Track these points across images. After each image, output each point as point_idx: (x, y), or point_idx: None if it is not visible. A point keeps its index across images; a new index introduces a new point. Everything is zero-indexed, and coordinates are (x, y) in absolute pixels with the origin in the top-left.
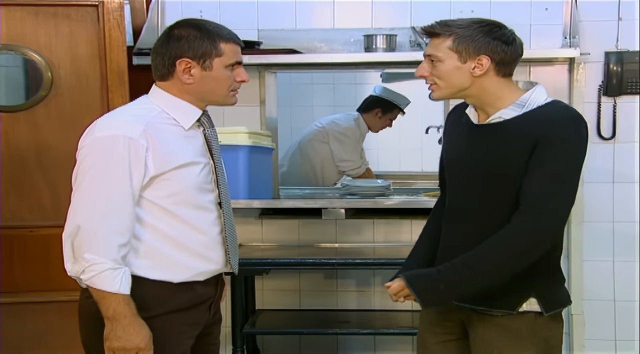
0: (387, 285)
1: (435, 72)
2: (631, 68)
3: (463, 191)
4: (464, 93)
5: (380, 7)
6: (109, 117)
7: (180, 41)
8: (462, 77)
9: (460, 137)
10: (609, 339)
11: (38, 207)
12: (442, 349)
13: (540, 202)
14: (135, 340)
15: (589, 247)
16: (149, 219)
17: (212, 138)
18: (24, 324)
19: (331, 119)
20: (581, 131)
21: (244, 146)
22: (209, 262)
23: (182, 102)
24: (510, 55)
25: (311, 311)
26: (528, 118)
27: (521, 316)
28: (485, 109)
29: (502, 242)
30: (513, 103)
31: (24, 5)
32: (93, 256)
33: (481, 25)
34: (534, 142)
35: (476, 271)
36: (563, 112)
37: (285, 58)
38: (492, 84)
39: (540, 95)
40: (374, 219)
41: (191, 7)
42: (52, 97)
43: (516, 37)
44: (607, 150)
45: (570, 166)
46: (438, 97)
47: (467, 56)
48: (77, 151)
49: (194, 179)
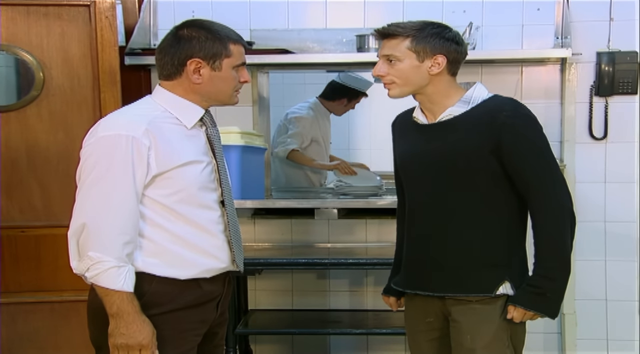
0: (512, 318)
1: (393, 71)
2: (623, 68)
3: (420, 190)
4: (419, 91)
5: (372, 7)
6: (113, 116)
7: (191, 42)
8: (419, 75)
9: (411, 140)
10: (600, 339)
11: (29, 207)
12: (434, 346)
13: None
14: (139, 337)
15: (581, 247)
16: (154, 217)
17: (215, 137)
18: (15, 324)
19: (286, 112)
20: (531, 113)
21: (236, 146)
22: (215, 259)
23: (185, 101)
24: (461, 55)
25: (304, 311)
26: (478, 111)
27: (494, 299)
28: (433, 108)
29: (553, 239)
30: (459, 100)
31: (15, 5)
32: (97, 254)
33: (434, 26)
34: (496, 132)
35: (560, 268)
36: (510, 102)
37: (277, 58)
38: (444, 83)
39: (482, 91)
40: (366, 219)
41: (183, 7)
42: (44, 97)
43: (463, 38)
44: (599, 150)
45: (542, 145)
46: (395, 95)
47: (425, 55)
48: (80, 150)
49: (196, 177)
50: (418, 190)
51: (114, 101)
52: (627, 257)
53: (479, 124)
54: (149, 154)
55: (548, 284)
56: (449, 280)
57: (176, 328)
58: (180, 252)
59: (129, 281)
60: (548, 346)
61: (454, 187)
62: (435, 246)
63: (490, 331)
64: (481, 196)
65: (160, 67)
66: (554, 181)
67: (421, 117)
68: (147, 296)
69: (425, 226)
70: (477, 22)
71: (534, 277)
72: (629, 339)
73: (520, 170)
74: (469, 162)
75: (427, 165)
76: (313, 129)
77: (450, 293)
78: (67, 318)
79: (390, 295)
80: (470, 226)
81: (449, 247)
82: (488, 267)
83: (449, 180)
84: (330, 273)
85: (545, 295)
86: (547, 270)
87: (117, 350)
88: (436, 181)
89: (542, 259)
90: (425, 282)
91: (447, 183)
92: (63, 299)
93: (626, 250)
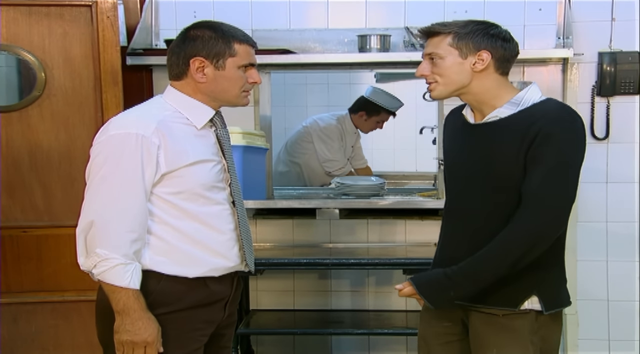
0: (398, 288)
1: (436, 70)
2: (624, 68)
3: (464, 192)
4: (463, 90)
5: (374, 8)
6: (123, 116)
7: (195, 41)
8: (462, 73)
9: (459, 139)
10: (602, 339)
11: (31, 207)
12: (445, 350)
13: (539, 198)
14: (144, 334)
15: (583, 247)
16: (162, 215)
17: (224, 138)
18: (16, 324)
19: (314, 119)
20: (577, 126)
21: (238, 146)
22: (223, 258)
23: (196, 101)
24: (509, 52)
25: (305, 311)
26: (523, 115)
27: (522, 315)
28: (481, 108)
29: (505, 241)
30: (508, 102)
31: (17, 6)
32: (105, 251)
33: (478, 23)
34: (531, 138)
35: (482, 273)
36: (558, 108)
37: (279, 58)
38: (491, 81)
39: (535, 93)
40: (368, 219)
41: (185, 8)
42: (46, 98)
43: (512, 36)
44: (601, 150)
45: (568, 160)
46: (437, 95)
47: (468, 52)
48: (89, 148)
49: (204, 176)
50: (456, 191)
51: (116, 101)
52: (629, 258)
53: (520, 128)
54: (158, 153)
55: (462, 284)
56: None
57: (182, 328)
58: (188, 250)
59: (136, 279)
60: None
61: (489, 191)
62: (464, 249)
63: (518, 346)
64: (515, 203)
65: (169, 67)
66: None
67: (469, 116)
68: (155, 294)
69: (457, 227)
70: None
71: (458, 269)
72: (630, 339)
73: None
74: (505, 168)
75: (467, 166)
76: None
77: (471, 303)
78: (68, 318)
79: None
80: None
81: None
82: (514, 280)
83: (485, 184)
84: (332, 273)
85: (449, 292)
86: (473, 271)
87: (123, 346)
88: (473, 183)
89: (481, 256)
90: None
91: (483, 187)
92: (65, 300)
93: (628, 250)
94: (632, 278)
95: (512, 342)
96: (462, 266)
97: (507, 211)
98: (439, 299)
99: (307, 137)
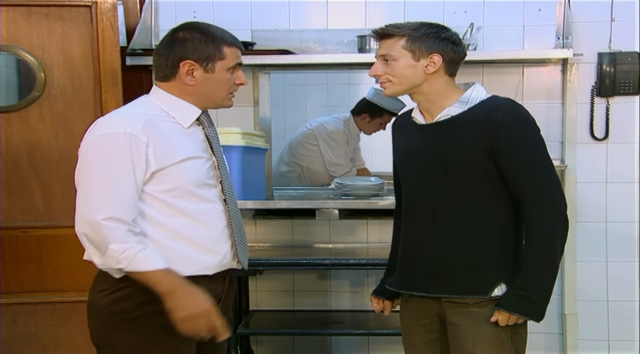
0: (495, 321)
1: (389, 70)
2: (624, 69)
3: (417, 190)
4: (414, 90)
5: (373, 8)
6: (110, 116)
7: (185, 44)
8: (415, 74)
9: (409, 140)
10: (602, 340)
11: (30, 208)
12: (428, 348)
13: (541, 190)
14: (201, 305)
15: (582, 247)
16: (153, 213)
17: (213, 136)
18: (16, 325)
19: (320, 122)
20: (528, 114)
21: (237, 146)
22: (216, 255)
23: (182, 101)
24: (458, 55)
25: (305, 311)
26: (474, 112)
27: (493, 301)
28: (431, 109)
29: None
30: (457, 101)
31: (17, 6)
32: (118, 245)
33: (430, 26)
34: (492, 131)
35: (547, 267)
36: (506, 102)
37: (278, 59)
38: (441, 82)
39: (480, 92)
40: (367, 219)
41: (184, 8)
42: (45, 98)
43: (461, 39)
44: (600, 150)
45: (535, 142)
46: (391, 93)
47: (421, 55)
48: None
49: (195, 173)
50: (415, 190)
51: (115, 102)
52: (629, 258)
53: (475, 124)
54: (147, 151)
55: (533, 286)
56: (444, 281)
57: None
58: (180, 249)
59: (161, 258)
60: (549, 347)
61: (450, 187)
62: (431, 246)
63: (491, 334)
64: (477, 196)
65: (156, 68)
66: (547, 182)
67: (419, 117)
68: (147, 293)
69: (420, 226)
70: (479, 23)
71: (520, 278)
72: (630, 339)
73: (512, 171)
74: (464, 163)
75: (424, 165)
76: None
77: (446, 294)
78: (68, 318)
79: (383, 297)
80: (465, 227)
81: (444, 247)
82: (483, 268)
83: (445, 180)
84: (332, 273)
85: (530, 298)
86: (533, 271)
87: (184, 323)
88: (433, 181)
89: (530, 259)
90: (420, 283)
91: (443, 183)
92: (64, 300)
93: (627, 250)
94: (632, 278)
95: (486, 329)
96: (525, 275)
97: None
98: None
99: (312, 140)
